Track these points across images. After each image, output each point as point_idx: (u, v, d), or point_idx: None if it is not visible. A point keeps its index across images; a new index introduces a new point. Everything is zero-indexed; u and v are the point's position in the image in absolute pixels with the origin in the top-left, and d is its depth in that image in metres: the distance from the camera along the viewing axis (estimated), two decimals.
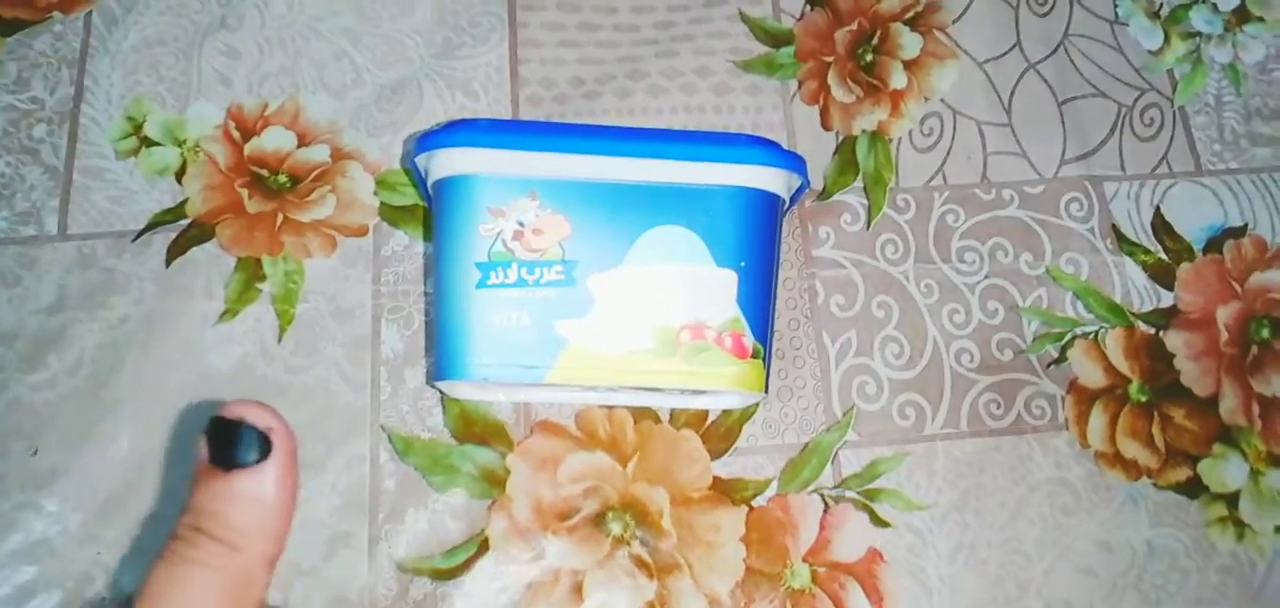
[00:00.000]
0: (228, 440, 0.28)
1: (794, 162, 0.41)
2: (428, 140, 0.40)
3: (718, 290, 0.40)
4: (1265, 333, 0.48)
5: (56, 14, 0.51)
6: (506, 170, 0.40)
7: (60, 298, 0.46)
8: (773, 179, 0.41)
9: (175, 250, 0.47)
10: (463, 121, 0.41)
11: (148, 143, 0.49)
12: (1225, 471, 0.46)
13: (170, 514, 0.43)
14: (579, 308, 0.40)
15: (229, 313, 0.46)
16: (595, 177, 0.40)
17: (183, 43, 0.51)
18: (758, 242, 0.41)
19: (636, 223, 0.40)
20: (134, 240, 0.47)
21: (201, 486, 0.28)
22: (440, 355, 0.40)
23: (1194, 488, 0.46)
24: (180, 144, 0.49)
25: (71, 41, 0.51)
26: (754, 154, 0.40)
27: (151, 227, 0.47)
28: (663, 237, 0.40)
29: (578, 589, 0.43)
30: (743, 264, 0.40)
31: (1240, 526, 0.45)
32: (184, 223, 0.48)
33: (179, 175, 0.48)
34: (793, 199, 0.44)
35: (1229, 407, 0.47)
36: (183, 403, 0.45)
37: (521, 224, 0.40)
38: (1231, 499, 0.46)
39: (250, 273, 0.47)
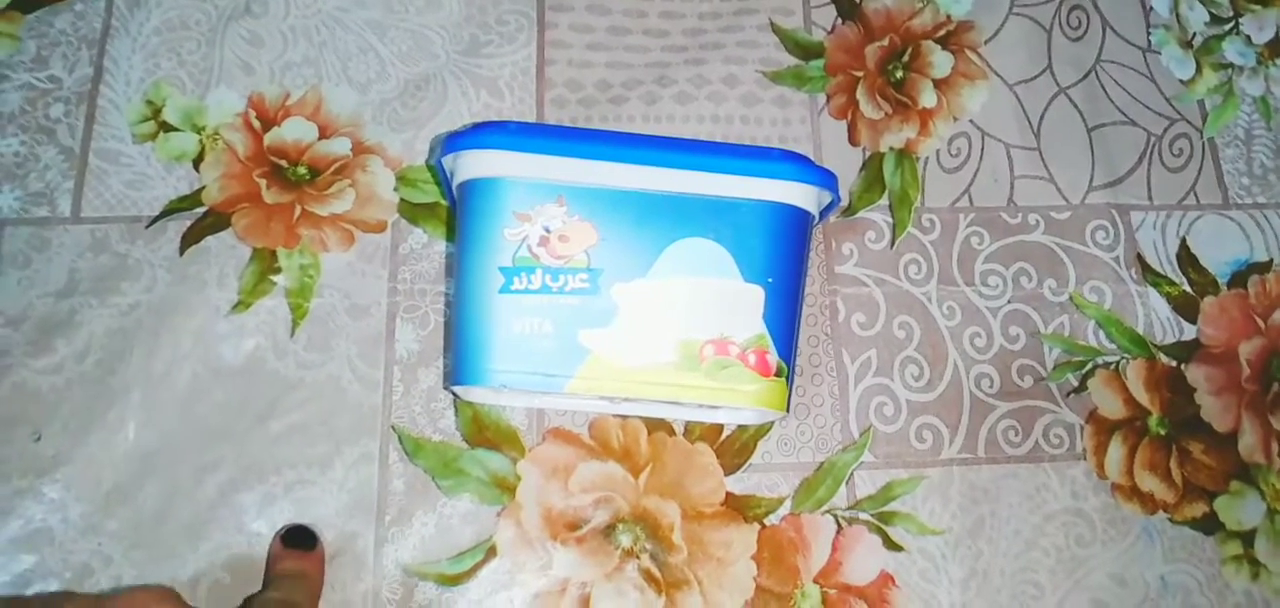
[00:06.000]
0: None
1: (826, 178, 0.41)
2: (456, 140, 0.40)
3: (744, 306, 0.39)
4: None
5: None
6: (535, 175, 0.39)
7: (71, 282, 0.45)
8: (804, 195, 0.40)
9: (190, 238, 0.46)
10: (492, 123, 0.41)
11: (166, 128, 0.48)
12: (1242, 508, 0.46)
13: (178, 510, 0.42)
14: (603, 318, 0.39)
15: (242, 304, 0.46)
16: (624, 185, 0.39)
17: (205, 27, 0.50)
18: (786, 258, 0.40)
19: (664, 234, 0.39)
20: (148, 227, 0.46)
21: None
22: (458, 360, 0.40)
23: (1210, 524, 0.45)
24: (199, 130, 0.48)
25: (92, 22, 0.50)
26: (786, 169, 0.40)
27: (166, 213, 0.47)
28: (690, 249, 0.39)
29: (585, 601, 0.42)
30: (770, 280, 0.39)
31: (1255, 565, 0.45)
32: (200, 211, 0.47)
33: (196, 162, 0.48)
34: (822, 215, 0.43)
35: (1248, 444, 0.47)
36: (192, 394, 0.44)
37: (548, 230, 0.39)
38: (1247, 538, 0.45)
39: (265, 264, 0.46)
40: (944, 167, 0.50)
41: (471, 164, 0.40)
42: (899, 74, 0.52)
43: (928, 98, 0.52)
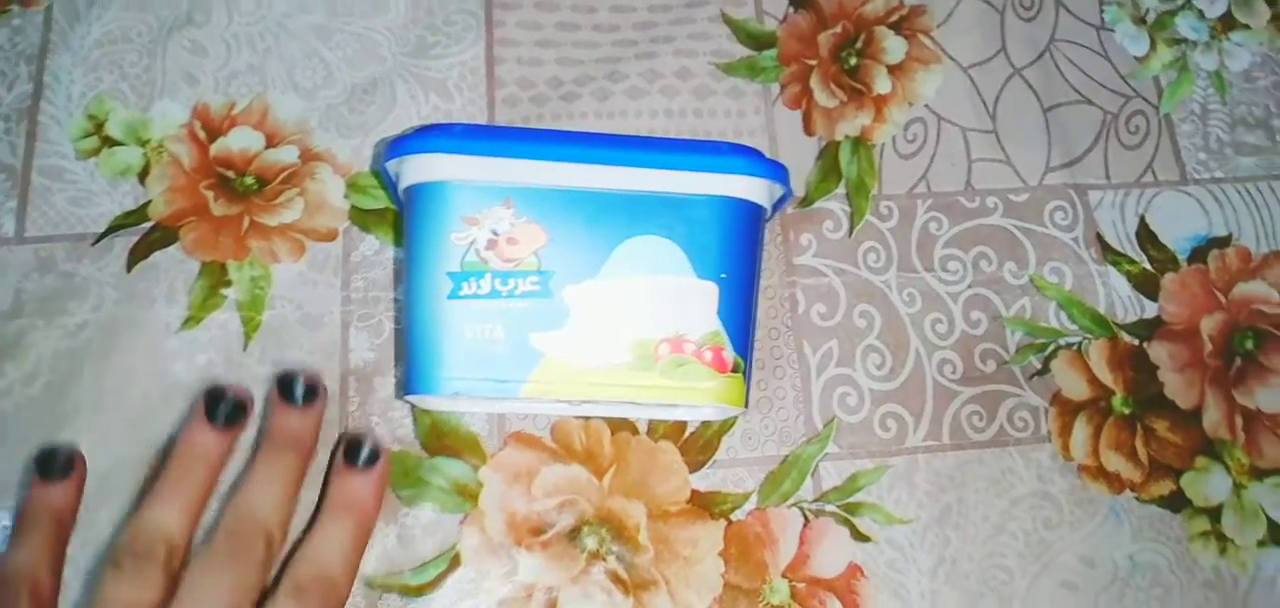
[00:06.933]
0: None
1: (777, 171, 0.41)
2: (399, 145, 0.39)
3: (698, 303, 0.39)
4: (1249, 345, 0.48)
5: (15, 6, 0.49)
6: (481, 177, 0.39)
7: (16, 303, 0.44)
8: (755, 189, 0.40)
9: (137, 254, 0.46)
10: (435, 126, 0.40)
11: (109, 142, 0.47)
12: (1208, 484, 0.46)
13: None
14: (555, 320, 0.38)
15: (192, 320, 0.45)
16: (573, 184, 0.39)
17: (147, 39, 0.49)
18: (739, 253, 0.40)
19: (615, 232, 0.39)
20: (94, 244, 0.46)
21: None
22: (410, 369, 0.39)
23: (1177, 502, 0.45)
24: (143, 144, 0.47)
25: (31, 36, 0.49)
26: (736, 163, 0.40)
27: (112, 230, 0.46)
28: (642, 247, 0.39)
29: (552, 606, 0.42)
30: (724, 276, 0.39)
31: (1223, 540, 0.45)
32: (146, 226, 0.46)
33: (142, 176, 0.47)
34: (775, 208, 0.43)
35: (1212, 419, 0.46)
36: (144, 414, 0.43)
37: (496, 233, 0.38)
38: (1214, 513, 0.45)
39: (215, 278, 0.45)
40: (900, 153, 0.50)
41: (415, 169, 0.39)
42: (853, 61, 0.52)
43: (882, 84, 0.51)
